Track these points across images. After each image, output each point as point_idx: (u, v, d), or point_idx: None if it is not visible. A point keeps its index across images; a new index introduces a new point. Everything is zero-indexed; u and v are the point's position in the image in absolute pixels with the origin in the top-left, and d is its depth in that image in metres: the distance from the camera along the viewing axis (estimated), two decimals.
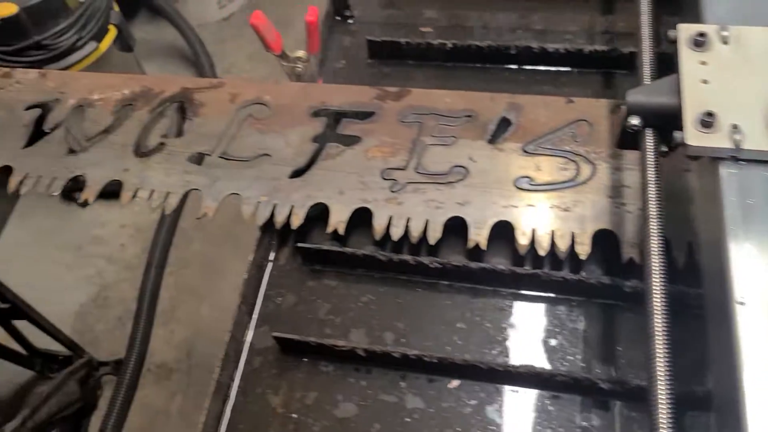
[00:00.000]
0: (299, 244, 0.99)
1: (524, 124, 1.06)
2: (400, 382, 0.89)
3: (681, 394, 0.59)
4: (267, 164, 1.07)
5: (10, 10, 2.11)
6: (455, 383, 0.87)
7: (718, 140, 0.70)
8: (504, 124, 1.06)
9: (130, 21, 3.65)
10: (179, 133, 1.13)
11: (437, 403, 0.87)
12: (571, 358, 0.91)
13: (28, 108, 1.19)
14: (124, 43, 2.50)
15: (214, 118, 1.14)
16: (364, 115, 1.10)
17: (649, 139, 0.79)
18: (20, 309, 2.09)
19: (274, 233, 1.04)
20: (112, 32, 2.42)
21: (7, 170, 1.11)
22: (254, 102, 1.15)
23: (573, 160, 1.00)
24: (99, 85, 1.22)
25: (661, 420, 0.58)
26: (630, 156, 0.98)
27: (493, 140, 1.05)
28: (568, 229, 0.94)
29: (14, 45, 2.20)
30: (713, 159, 0.71)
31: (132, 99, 1.19)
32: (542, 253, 0.92)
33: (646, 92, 0.80)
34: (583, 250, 0.91)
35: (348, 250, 0.98)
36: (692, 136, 0.71)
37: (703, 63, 0.77)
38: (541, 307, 0.94)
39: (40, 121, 1.17)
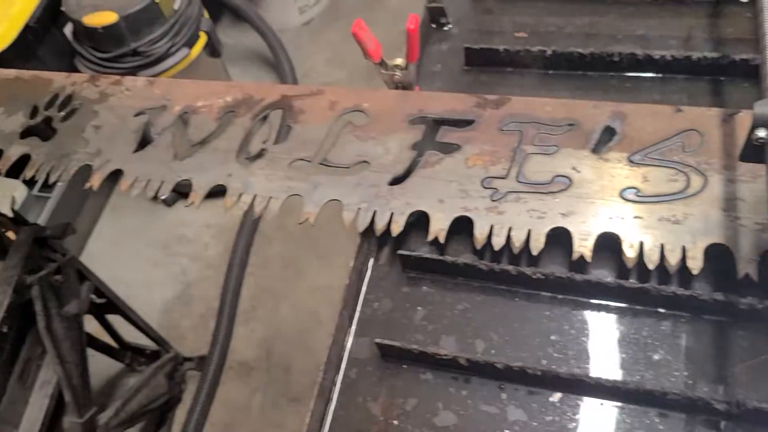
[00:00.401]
0: (400, 252, 1.00)
1: (630, 133, 1.03)
2: (500, 393, 0.88)
3: None
4: (366, 171, 1.08)
5: (110, 18, 2.22)
6: (557, 396, 0.86)
7: None
8: (608, 133, 1.04)
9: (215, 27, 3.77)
10: (280, 140, 1.16)
11: (540, 416, 0.86)
12: (677, 374, 0.88)
13: (137, 114, 1.25)
14: (212, 48, 2.58)
15: (314, 125, 1.16)
16: (464, 123, 1.10)
17: None
18: (115, 304, 2.19)
19: (372, 240, 1.05)
20: (203, 38, 2.51)
21: (118, 173, 1.17)
22: (353, 109, 1.16)
23: (683, 171, 0.97)
24: (203, 92, 1.26)
25: None
26: (744, 167, 0.94)
27: (596, 150, 1.02)
28: (678, 243, 0.90)
29: (112, 52, 2.31)
30: None
31: (234, 106, 1.23)
32: (651, 266, 0.89)
33: None
34: (695, 264, 0.88)
35: (448, 258, 0.98)
36: None
37: None
38: (646, 322, 0.91)
39: (148, 126, 1.23)
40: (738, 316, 0.90)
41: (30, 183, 2.77)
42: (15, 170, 1.24)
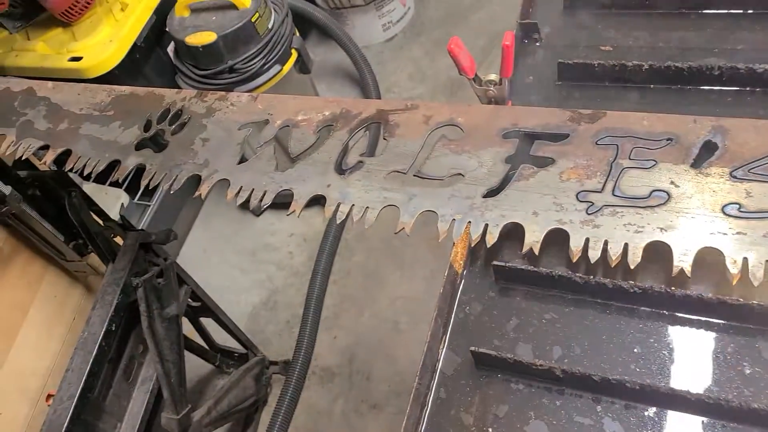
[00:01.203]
0: (495, 262, 1.02)
1: (731, 148, 1.01)
2: (595, 405, 0.88)
3: None
4: (460, 183, 1.10)
5: (210, 38, 2.35)
6: (653, 411, 0.85)
7: None
8: (708, 148, 1.03)
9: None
10: (376, 153, 1.20)
11: (638, 430, 0.86)
12: None
13: (241, 128, 1.32)
14: (302, 65, 2.68)
15: (409, 138, 1.19)
16: (558, 137, 1.11)
17: None
18: (208, 308, 2.30)
19: (467, 250, 1.07)
20: (294, 55, 2.61)
21: (224, 183, 1.24)
22: (447, 123, 1.19)
23: None
24: (303, 107, 1.32)
25: None
26: None
27: (696, 164, 1.01)
28: None
29: (211, 69, 2.44)
30: None
31: (332, 120, 1.28)
32: (756, 283, 0.88)
33: None
34: None
35: (543, 269, 0.99)
36: None
37: None
38: (748, 341, 0.90)
39: (252, 139, 1.30)
40: None
41: (131, 191, 2.95)
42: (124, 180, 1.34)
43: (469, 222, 1.05)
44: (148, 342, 1.82)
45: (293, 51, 2.62)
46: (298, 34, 2.71)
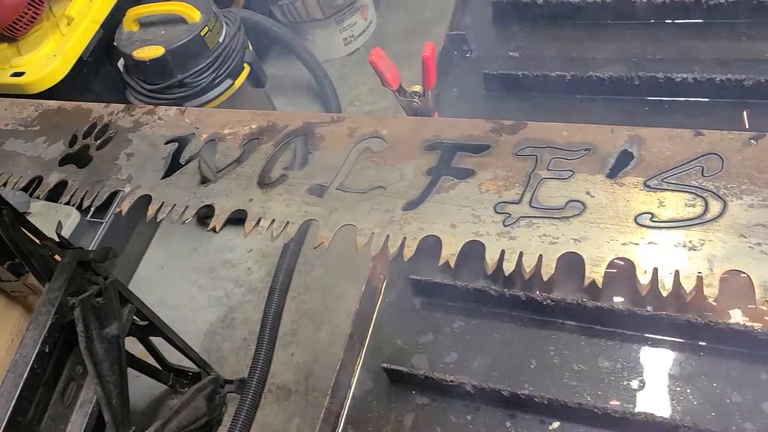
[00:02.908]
0: (412, 276, 1.00)
1: (647, 157, 1.01)
2: (505, 421, 0.86)
3: None
4: (381, 196, 1.09)
5: (157, 52, 2.32)
6: (556, 425, 0.84)
7: None
8: (625, 157, 1.02)
9: (262, 58, 3.90)
10: (300, 166, 1.18)
11: None
12: (695, 404, 0.84)
13: (167, 142, 1.30)
14: (256, 79, 2.66)
15: (334, 151, 1.18)
16: (479, 149, 1.10)
17: None
18: (156, 327, 2.25)
19: (385, 265, 1.06)
20: (246, 70, 2.59)
21: (147, 199, 1.22)
22: (371, 136, 1.18)
23: (701, 196, 0.94)
24: (230, 120, 1.30)
25: None
26: (765, 192, 0.91)
27: (612, 174, 1.01)
28: (694, 270, 0.88)
29: (160, 83, 2.41)
30: None
31: (259, 133, 1.26)
32: (664, 293, 0.87)
33: None
34: (711, 292, 0.85)
35: (459, 283, 0.98)
36: None
37: None
38: (661, 353, 0.88)
39: (177, 154, 1.27)
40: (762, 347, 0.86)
41: (86, 210, 2.90)
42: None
43: (388, 236, 1.04)
44: (87, 363, 1.77)
45: (246, 65, 2.60)
46: (251, 48, 2.69)
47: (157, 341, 2.42)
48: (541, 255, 0.95)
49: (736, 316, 0.88)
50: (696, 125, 1.04)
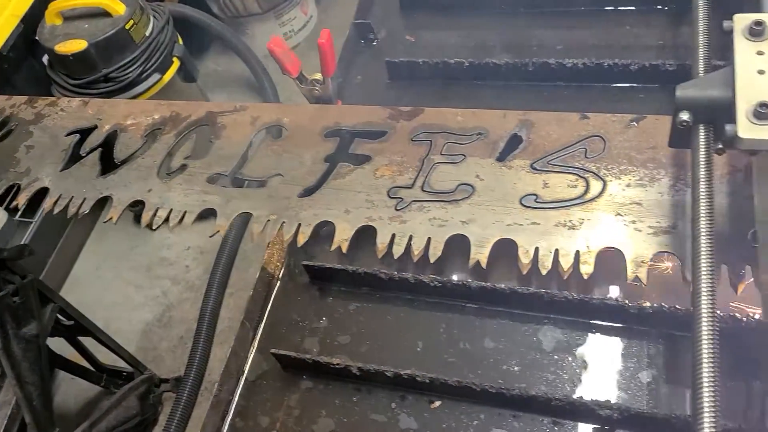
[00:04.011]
0: (305, 262, 1.00)
1: (535, 140, 1.03)
2: (390, 402, 0.87)
3: None
4: (279, 184, 1.09)
5: (80, 46, 2.27)
6: (437, 404, 0.85)
7: None
8: (515, 141, 1.04)
9: (203, 54, 3.84)
10: (201, 155, 1.17)
11: (433, 424, 0.85)
12: (570, 378, 0.86)
13: (69, 134, 1.27)
14: (187, 74, 2.62)
15: (235, 140, 1.17)
16: (376, 135, 1.11)
17: (702, 136, 0.74)
18: (84, 326, 2.20)
19: (282, 251, 1.06)
20: (176, 64, 2.55)
21: (44, 191, 1.19)
22: (273, 124, 1.18)
23: (583, 177, 0.97)
24: (133, 111, 1.29)
25: None
26: (642, 171, 0.94)
27: (502, 158, 1.03)
28: (572, 248, 0.90)
29: (84, 78, 2.36)
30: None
31: (161, 123, 1.25)
32: (543, 272, 0.89)
33: (698, 86, 0.74)
34: (586, 270, 0.88)
35: (350, 267, 0.98)
36: (745, 128, 0.66)
37: (760, 53, 0.72)
38: (543, 329, 0.90)
39: (78, 145, 1.25)
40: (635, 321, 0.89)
41: (14, 210, 2.81)
42: None
43: (283, 222, 1.04)
44: (4, 364, 1.72)
45: (175, 59, 2.56)
46: (181, 41, 2.65)
47: (92, 343, 2.37)
48: (429, 238, 0.96)
49: (614, 292, 0.91)
50: (586, 109, 1.07)
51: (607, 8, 1.18)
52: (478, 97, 1.18)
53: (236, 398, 0.93)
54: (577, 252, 0.89)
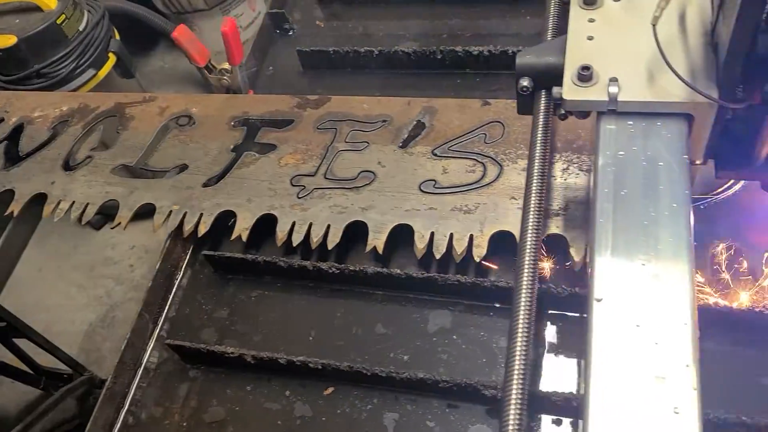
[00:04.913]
0: (205, 252, 0.99)
1: (437, 127, 1.04)
2: (284, 390, 0.87)
3: None
4: (184, 174, 1.07)
5: (9, 41, 2.22)
6: (330, 390, 0.85)
7: (594, 93, 0.68)
8: (418, 128, 1.05)
9: (151, 51, 3.79)
10: (107, 147, 1.15)
11: (328, 410, 0.85)
12: (467, 365, 0.86)
13: None
14: (124, 70, 2.57)
15: (142, 130, 1.15)
16: (283, 124, 1.11)
17: (542, 101, 0.75)
18: (17, 328, 2.15)
19: (187, 241, 1.04)
20: (112, 60, 2.50)
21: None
22: (181, 114, 1.16)
23: (481, 162, 0.97)
24: (41, 103, 1.26)
25: (511, 416, 0.56)
26: None
27: (404, 144, 1.03)
28: (467, 232, 0.91)
29: (15, 74, 2.30)
30: (598, 115, 0.69)
31: (69, 115, 1.22)
32: (437, 255, 0.89)
33: (536, 53, 0.75)
34: (479, 252, 0.88)
35: (249, 256, 0.97)
36: (569, 90, 0.69)
37: (592, 20, 0.75)
38: (434, 313, 0.91)
39: None
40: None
41: None
42: None
43: (186, 212, 1.02)
44: None
45: (111, 55, 2.51)
46: (117, 37, 2.61)
47: (29, 346, 2.32)
48: (329, 225, 0.96)
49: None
50: (494, 96, 1.07)
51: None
52: (389, 85, 1.18)
53: (132, 390, 0.91)
54: (471, 236, 0.90)
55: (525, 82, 0.75)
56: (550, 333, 0.86)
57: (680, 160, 0.66)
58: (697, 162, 0.71)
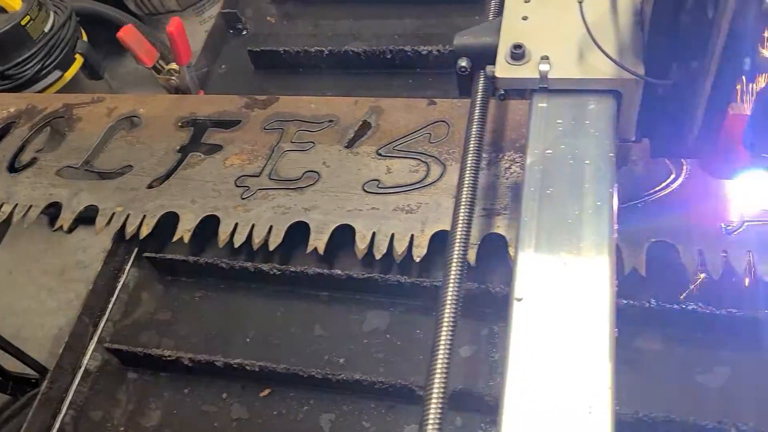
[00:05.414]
0: (146, 254, 0.98)
1: (383, 127, 1.03)
2: (222, 392, 0.86)
3: None
4: (128, 175, 1.06)
5: None
6: (266, 392, 0.84)
7: (525, 71, 0.69)
8: (364, 128, 1.04)
9: (124, 52, 3.74)
10: (53, 148, 1.14)
11: (264, 412, 0.84)
12: (404, 365, 0.85)
13: None
14: (92, 71, 2.55)
15: (89, 132, 1.14)
16: (230, 124, 1.10)
17: (480, 82, 0.74)
18: None
19: (132, 243, 1.03)
20: (79, 61, 2.48)
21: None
22: (129, 115, 1.15)
23: (425, 162, 0.97)
24: None
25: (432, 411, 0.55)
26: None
27: (350, 144, 1.02)
28: (408, 232, 0.90)
29: None
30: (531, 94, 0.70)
31: (16, 116, 1.21)
32: (378, 256, 0.89)
33: (473, 33, 0.76)
34: (419, 252, 0.88)
35: (191, 258, 0.96)
36: (501, 68, 0.70)
37: (527, 1, 0.76)
38: (373, 313, 0.90)
39: None
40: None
41: None
42: None
43: (129, 214, 1.01)
44: None
45: (78, 56, 2.49)
46: (85, 38, 2.58)
47: None
48: (271, 226, 0.95)
49: None
50: (444, 96, 1.07)
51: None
52: (340, 85, 1.18)
53: (71, 395, 0.90)
54: (412, 236, 0.89)
55: (463, 63, 0.75)
56: (487, 333, 0.85)
57: (607, 158, 0.67)
58: (632, 139, 0.72)
